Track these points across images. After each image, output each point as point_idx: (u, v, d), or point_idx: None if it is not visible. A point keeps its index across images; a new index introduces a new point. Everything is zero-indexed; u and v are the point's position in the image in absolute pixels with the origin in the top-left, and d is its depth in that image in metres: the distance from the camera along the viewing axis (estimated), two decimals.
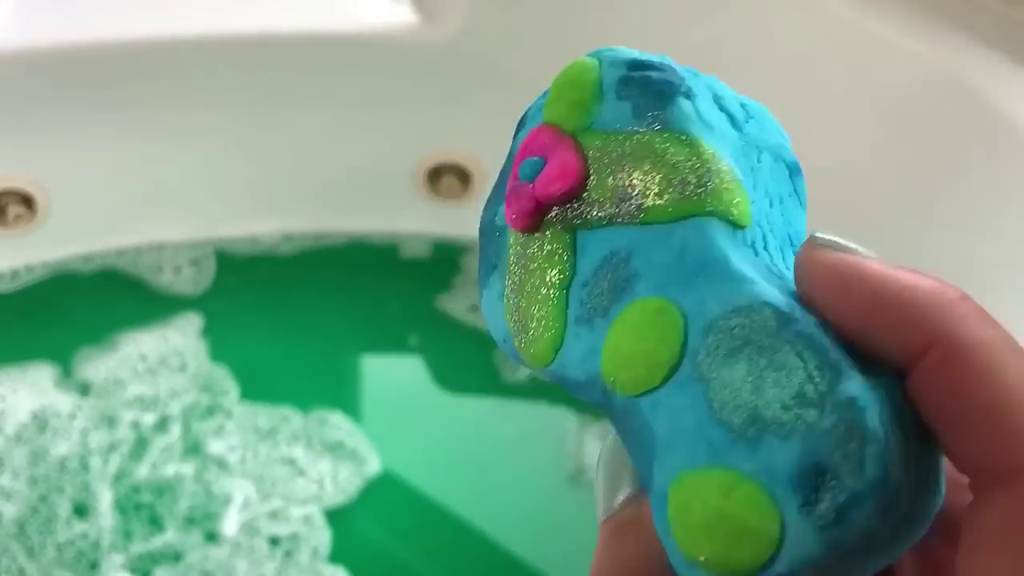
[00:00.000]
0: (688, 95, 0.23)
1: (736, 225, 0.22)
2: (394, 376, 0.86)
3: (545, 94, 0.25)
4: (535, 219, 0.24)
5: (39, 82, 0.80)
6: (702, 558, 0.20)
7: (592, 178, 0.23)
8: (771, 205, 0.23)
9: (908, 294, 0.20)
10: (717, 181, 0.22)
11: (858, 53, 0.78)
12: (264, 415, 0.78)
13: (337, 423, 0.78)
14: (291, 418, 0.78)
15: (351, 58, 0.85)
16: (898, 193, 0.76)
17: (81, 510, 0.72)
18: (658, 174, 0.22)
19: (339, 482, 0.75)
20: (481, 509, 0.75)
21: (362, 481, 0.75)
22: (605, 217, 0.23)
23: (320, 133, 0.87)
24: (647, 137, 0.23)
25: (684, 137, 0.23)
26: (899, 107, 0.77)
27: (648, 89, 0.23)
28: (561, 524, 0.75)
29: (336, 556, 0.71)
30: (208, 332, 0.83)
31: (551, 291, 0.23)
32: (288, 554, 0.71)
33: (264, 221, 0.89)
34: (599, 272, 0.23)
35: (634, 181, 0.23)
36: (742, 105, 0.24)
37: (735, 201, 0.22)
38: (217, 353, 0.81)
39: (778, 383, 0.19)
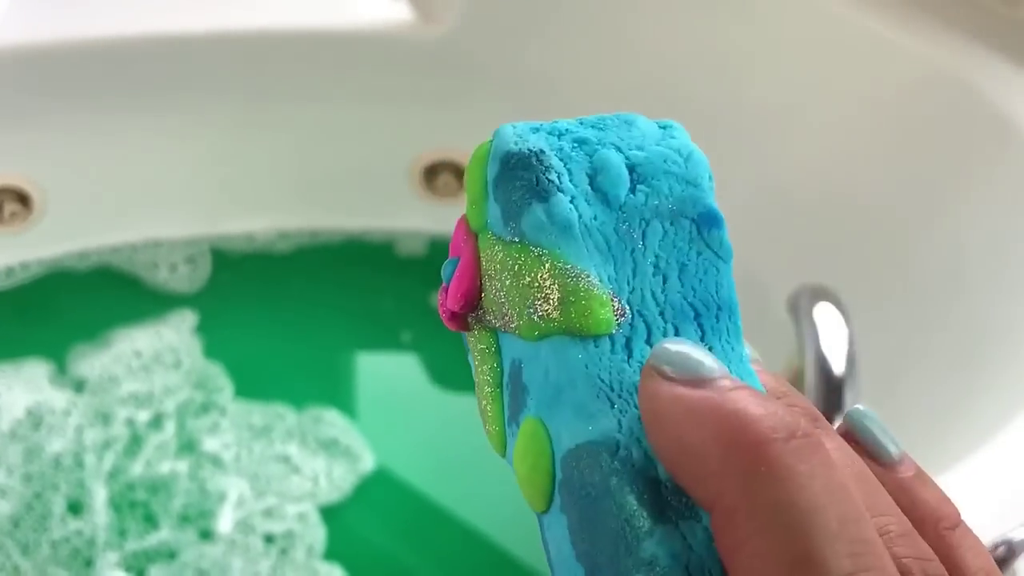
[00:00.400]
0: (545, 195, 0.22)
1: (596, 336, 0.21)
2: (389, 373, 0.86)
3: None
4: (459, 323, 0.24)
5: (34, 80, 0.79)
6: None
7: (485, 288, 0.23)
8: (665, 281, 0.22)
9: (704, 448, 0.19)
10: (569, 295, 0.21)
11: (857, 52, 0.78)
12: (258, 412, 0.78)
13: (332, 420, 0.78)
14: (285, 415, 0.78)
15: (347, 55, 0.84)
16: (896, 192, 0.76)
17: (76, 507, 0.72)
18: (517, 295, 0.22)
19: (334, 479, 0.75)
20: (476, 506, 0.75)
21: (357, 478, 0.75)
22: (500, 326, 0.23)
23: (316, 130, 0.87)
24: (510, 250, 0.22)
25: (535, 251, 0.22)
26: (898, 106, 0.77)
27: (512, 192, 0.22)
28: None
29: (331, 553, 0.71)
30: (202, 329, 0.83)
31: (490, 388, 0.24)
32: (283, 552, 0.71)
33: (260, 218, 0.89)
34: (510, 377, 0.23)
35: (503, 299, 0.22)
36: (632, 168, 0.22)
37: (587, 313, 0.21)
38: (211, 350, 0.81)
39: (604, 534, 0.20)
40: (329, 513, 0.73)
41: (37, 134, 0.82)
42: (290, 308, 0.86)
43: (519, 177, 0.22)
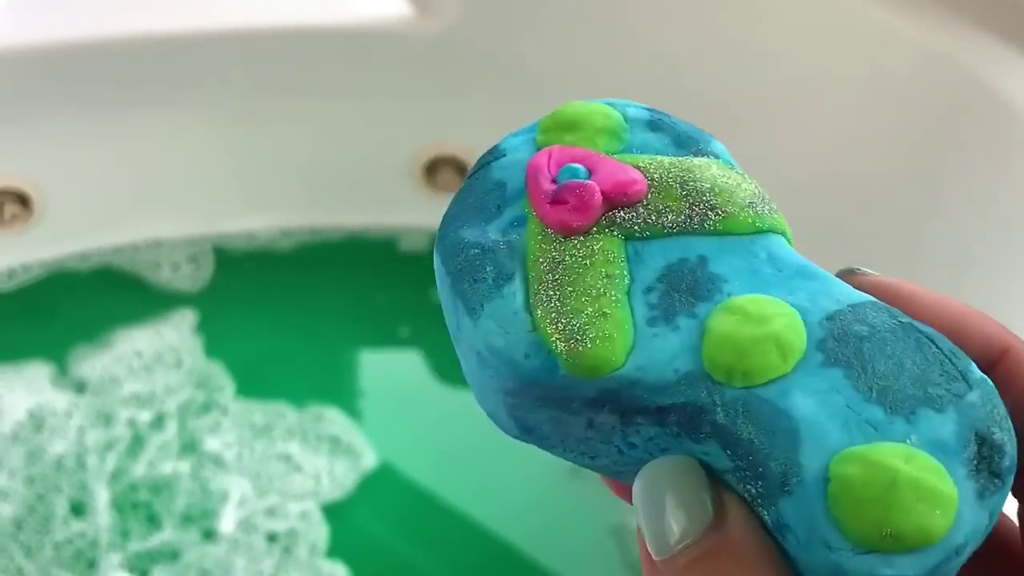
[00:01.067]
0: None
1: (790, 243, 0.23)
2: (390, 370, 0.86)
3: (517, 133, 0.25)
4: (597, 219, 0.22)
5: (33, 80, 0.79)
6: (888, 531, 0.19)
7: (652, 187, 0.23)
8: None
9: (963, 310, 0.22)
10: (775, 206, 0.23)
11: (857, 38, 0.77)
12: (260, 411, 0.78)
13: (333, 418, 0.78)
14: (287, 414, 0.78)
15: (346, 51, 0.84)
16: (898, 178, 0.76)
17: (78, 509, 0.72)
18: (732, 190, 0.23)
19: (336, 477, 0.75)
20: (478, 501, 0.74)
21: (358, 476, 0.75)
22: (673, 225, 0.22)
23: (316, 127, 0.87)
24: (702, 161, 0.23)
25: (736, 169, 0.24)
26: (899, 92, 0.76)
27: (684, 127, 0.24)
28: (559, 516, 0.74)
29: (334, 551, 0.71)
30: (203, 328, 0.82)
31: (612, 293, 0.22)
32: (286, 550, 0.71)
33: (261, 216, 0.89)
34: (667, 278, 0.22)
35: (708, 192, 0.23)
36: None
37: (786, 225, 0.23)
38: (213, 350, 0.81)
39: (920, 364, 0.20)
40: (331, 511, 0.73)
41: (37, 135, 0.82)
42: (291, 306, 0.85)
43: (683, 124, 0.24)
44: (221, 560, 0.70)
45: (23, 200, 0.84)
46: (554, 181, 0.23)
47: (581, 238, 0.22)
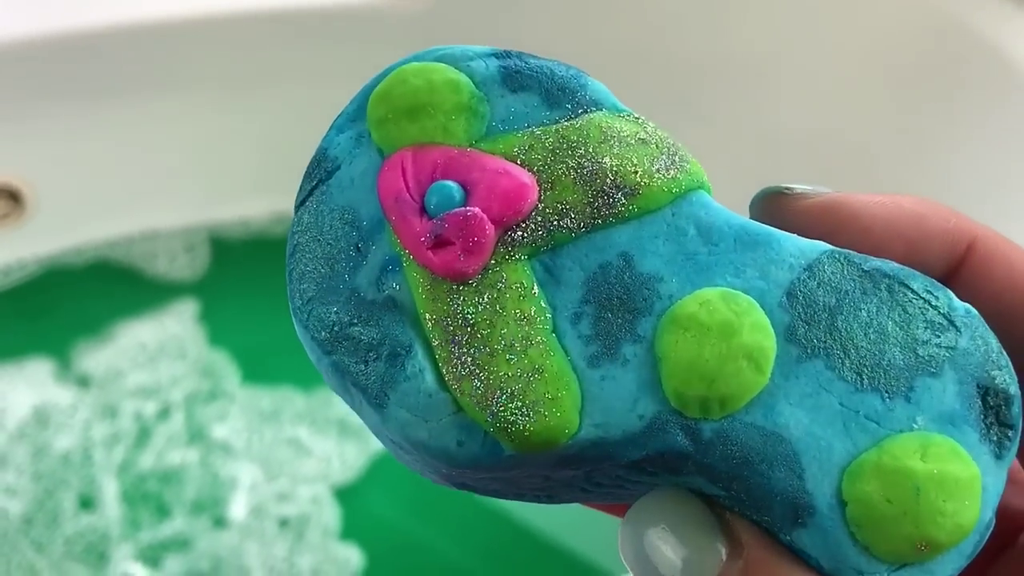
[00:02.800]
0: (582, 73, 0.20)
1: (709, 194, 0.20)
2: None
3: (341, 127, 0.20)
4: (483, 255, 0.18)
5: (17, 75, 0.79)
6: (922, 543, 0.17)
7: (542, 183, 0.19)
8: None
9: (920, 209, 0.19)
10: (684, 151, 0.20)
11: None
12: (267, 397, 0.78)
13: (340, 401, 0.77)
14: (294, 398, 0.78)
15: (332, 32, 0.84)
16: (890, 135, 0.76)
17: (87, 503, 0.72)
18: (634, 155, 0.19)
19: (345, 459, 0.74)
20: None
21: (368, 457, 0.75)
22: (578, 223, 0.19)
23: (304, 110, 0.86)
24: (586, 121, 0.19)
25: (623, 114, 0.20)
26: (891, 47, 0.76)
27: (549, 72, 0.20)
28: None
29: (347, 533, 0.71)
30: (205, 317, 0.82)
31: (537, 338, 0.18)
32: (299, 534, 0.71)
33: (254, 202, 0.88)
34: (592, 295, 0.18)
35: (608, 169, 0.19)
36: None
37: (702, 170, 0.20)
38: (216, 338, 0.81)
39: (901, 321, 0.18)
40: (343, 494, 0.73)
41: (24, 131, 0.81)
42: None
43: (545, 63, 0.20)
44: (234, 547, 0.70)
45: (14, 197, 0.83)
46: (423, 209, 0.18)
47: (479, 278, 0.18)
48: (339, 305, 0.19)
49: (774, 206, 0.20)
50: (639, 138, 0.19)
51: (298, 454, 0.75)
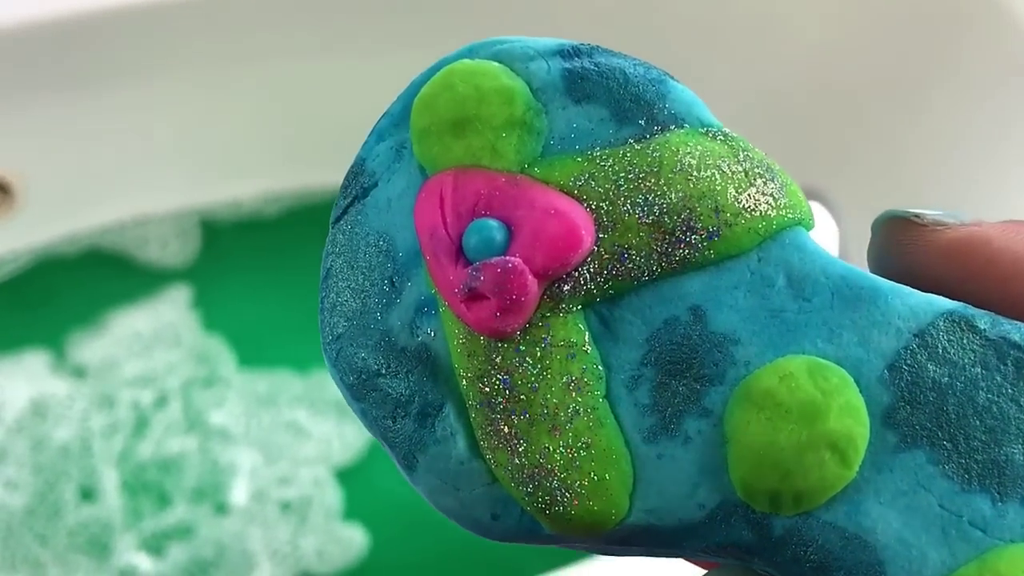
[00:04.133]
0: (666, 74, 0.17)
1: (809, 230, 0.17)
2: None
3: (382, 132, 0.18)
4: (528, 309, 0.16)
5: (0, 66, 0.78)
6: None
7: (600, 222, 0.16)
8: None
9: None
10: (784, 177, 0.17)
11: None
12: (263, 381, 0.77)
13: None
14: (291, 382, 0.77)
15: (319, 6, 0.83)
16: (886, 86, 0.75)
17: (88, 494, 0.71)
18: (716, 186, 0.16)
19: (345, 441, 0.74)
20: None
21: (368, 437, 0.74)
22: (644, 272, 0.16)
23: (293, 88, 0.85)
24: (660, 143, 0.16)
25: (709, 131, 0.17)
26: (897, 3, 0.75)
27: (623, 77, 0.17)
28: None
29: (350, 514, 0.71)
30: (199, 303, 0.82)
31: (587, 407, 0.16)
32: (302, 517, 0.70)
33: (245, 183, 0.88)
34: (655, 355, 0.16)
35: (682, 206, 0.16)
36: None
37: (803, 199, 0.17)
38: (211, 323, 0.80)
39: (1004, 420, 0.15)
40: (344, 475, 0.73)
41: (10, 121, 0.80)
42: (285, 272, 0.84)
43: (618, 61, 0.17)
44: (237, 533, 0.70)
45: (4, 188, 0.82)
46: (460, 251, 0.16)
47: (522, 333, 0.16)
48: (369, 350, 0.17)
49: (899, 236, 0.17)
50: (726, 164, 0.16)
51: (297, 437, 0.74)
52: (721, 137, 0.16)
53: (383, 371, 0.17)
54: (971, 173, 0.70)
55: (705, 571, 0.16)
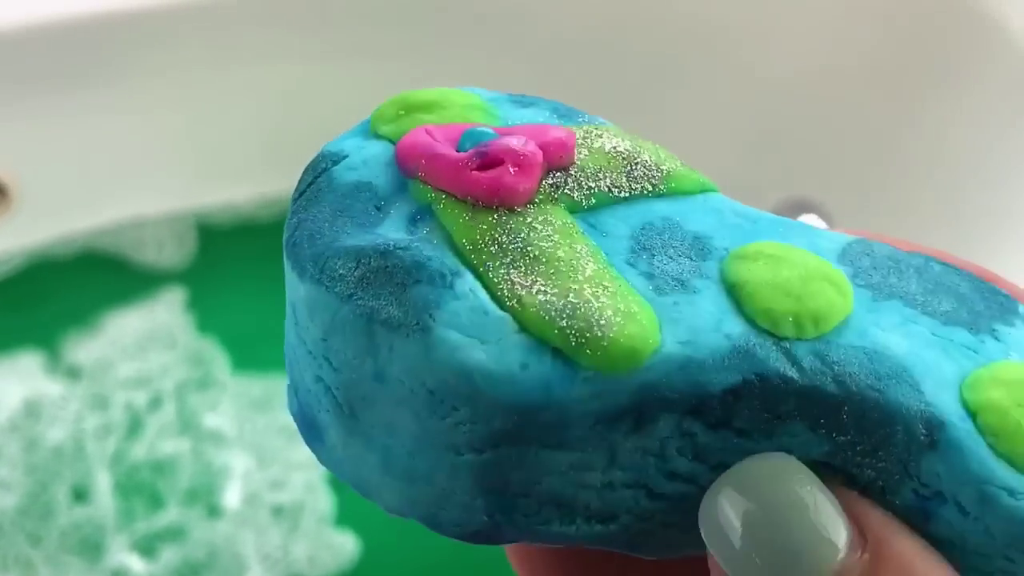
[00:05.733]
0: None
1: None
2: None
3: (344, 136, 0.19)
4: (532, 186, 0.17)
5: None
6: None
7: (580, 146, 0.18)
8: None
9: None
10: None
11: None
12: (257, 384, 0.77)
13: None
14: (285, 385, 0.77)
15: (313, 11, 0.83)
16: (879, 98, 0.75)
17: (81, 495, 0.72)
18: (653, 148, 0.18)
19: None
20: None
21: None
22: (617, 188, 0.17)
23: (287, 91, 0.86)
24: (601, 125, 0.19)
25: (624, 133, 0.19)
26: (880, 7, 0.75)
27: (556, 103, 0.19)
28: None
29: (341, 519, 0.71)
30: (194, 305, 0.82)
31: (600, 265, 0.16)
32: (293, 522, 0.71)
33: (240, 186, 0.88)
34: (642, 245, 0.17)
35: (636, 151, 0.18)
36: None
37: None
38: (205, 326, 0.80)
39: (963, 284, 0.18)
40: (336, 480, 0.73)
41: (5, 122, 0.80)
42: (280, 275, 0.84)
43: (543, 100, 0.20)
44: (228, 536, 0.70)
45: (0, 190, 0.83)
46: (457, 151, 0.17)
47: (523, 209, 0.16)
48: (365, 245, 0.16)
49: None
50: (650, 146, 0.19)
51: (290, 441, 0.74)
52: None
53: (380, 248, 0.16)
54: (962, 184, 0.71)
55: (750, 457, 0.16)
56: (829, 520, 0.14)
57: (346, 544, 0.70)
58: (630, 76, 0.81)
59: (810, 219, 0.69)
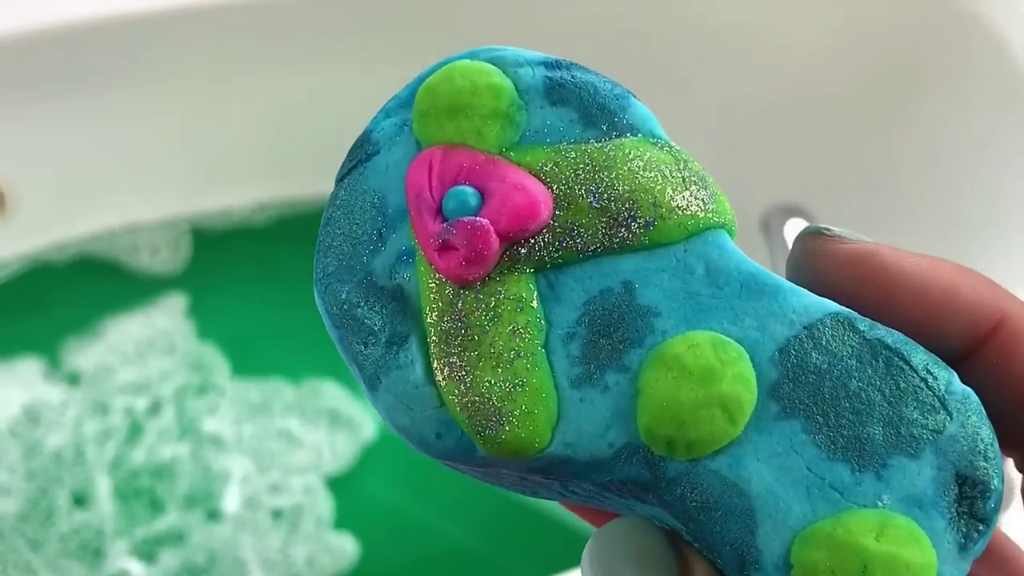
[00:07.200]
0: (629, 94, 0.20)
1: (732, 235, 0.20)
2: None
3: (389, 111, 0.21)
4: (488, 263, 0.19)
5: None
6: None
7: (558, 201, 0.19)
8: None
9: (954, 278, 0.19)
10: (715, 188, 0.20)
11: None
12: (256, 389, 0.78)
13: (330, 391, 0.78)
14: (283, 390, 0.78)
15: (308, 18, 0.83)
16: (870, 103, 0.76)
17: (81, 500, 0.72)
18: (656, 186, 0.19)
19: (337, 450, 0.75)
20: None
21: (359, 447, 0.75)
22: (588, 247, 0.19)
23: (282, 98, 0.86)
24: (616, 146, 0.20)
25: (658, 142, 0.20)
26: (870, 13, 0.76)
27: (593, 90, 0.20)
28: None
29: (341, 523, 0.71)
30: (193, 311, 0.82)
31: (527, 352, 0.19)
32: (293, 525, 0.71)
33: (235, 192, 0.88)
34: (588, 317, 0.19)
35: (627, 198, 0.19)
36: None
37: (729, 208, 0.20)
38: (204, 331, 0.81)
39: (892, 396, 0.18)
40: (335, 483, 0.73)
41: (1, 127, 0.80)
42: (277, 281, 0.85)
43: (594, 78, 0.20)
44: (228, 540, 0.70)
45: None
46: (439, 210, 0.19)
47: (482, 284, 0.19)
48: (352, 285, 0.19)
49: (809, 246, 0.19)
50: (667, 169, 0.19)
51: (289, 445, 0.75)
52: (667, 148, 0.20)
53: (362, 304, 0.19)
54: (954, 189, 0.71)
55: (607, 522, 0.19)
56: (665, 567, 0.18)
57: (345, 547, 0.70)
58: (624, 80, 0.81)
59: (799, 224, 0.70)
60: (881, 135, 0.76)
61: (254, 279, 0.85)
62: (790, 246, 0.20)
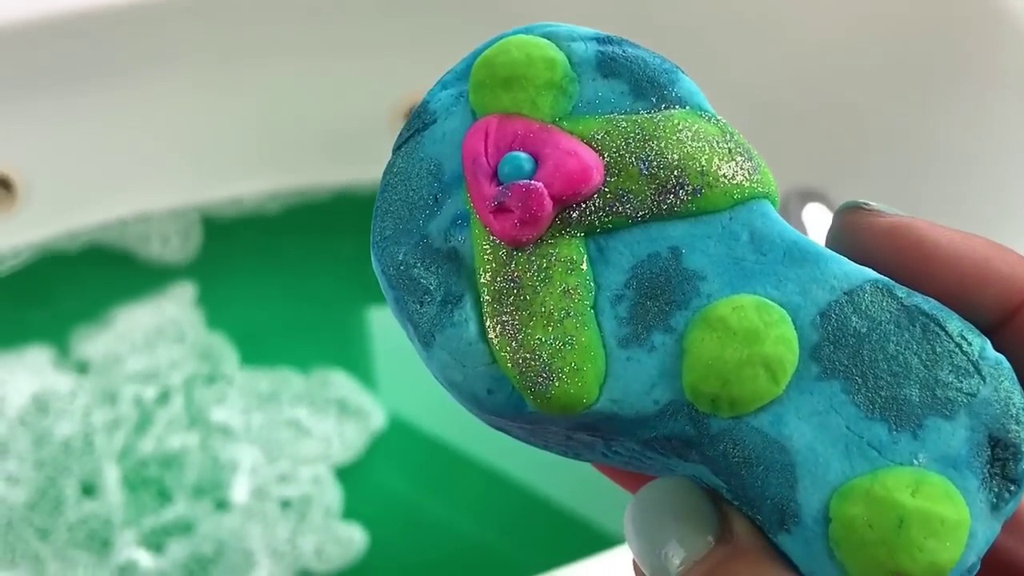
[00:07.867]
0: (677, 69, 0.21)
1: (775, 205, 0.20)
2: (391, 329, 0.85)
3: (446, 83, 0.22)
4: (541, 226, 0.19)
5: (1, 63, 0.78)
6: (896, 574, 0.17)
7: (609, 167, 0.20)
8: None
9: (987, 251, 0.19)
10: (759, 160, 0.20)
11: None
12: (265, 379, 0.77)
13: (339, 381, 0.77)
14: (292, 380, 0.78)
15: (318, 7, 0.83)
16: (886, 89, 0.75)
17: (89, 489, 0.72)
18: (703, 156, 0.20)
19: (346, 439, 0.74)
20: (491, 447, 0.74)
21: (368, 437, 0.75)
22: (637, 212, 0.19)
23: (292, 87, 0.86)
24: (665, 116, 0.20)
25: (705, 115, 0.21)
26: (894, 7, 0.75)
27: (643, 64, 0.21)
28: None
29: (349, 513, 0.71)
30: (202, 300, 0.82)
31: (577, 312, 0.19)
32: (301, 515, 0.71)
33: (246, 182, 0.88)
34: (636, 280, 0.19)
35: (676, 166, 0.20)
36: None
37: (772, 179, 0.20)
38: (213, 320, 0.80)
39: (928, 360, 0.19)
40: (344, 473, 0.73)
41: (12, 118, 0.80)
42: (287, 270, 0.85)
43: (643, 52, 0.21)
44: (236, 530, 0.70)
45: (6, 184, 0.83)
46: (495, 175, 0.20)
47: (534, 246, 0.20)
48: (408, 247, 0.20)
49: (848, 219, 0.20)
50: (715, 140, 0.20)
51: (298, 435, 0.75)
52: (714, 121, 0.20)
53: (418, 265, 0.20)
54: (969, 174, 0.71)
55: (648, 482, 0.20)
56: (702, 517, 0.19)
57: (354, 537, 0.70)
58: None
59: (817, 209, 0.69)
60: (900, 121, 0.75)
61: (264, 269, 0.85)
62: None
